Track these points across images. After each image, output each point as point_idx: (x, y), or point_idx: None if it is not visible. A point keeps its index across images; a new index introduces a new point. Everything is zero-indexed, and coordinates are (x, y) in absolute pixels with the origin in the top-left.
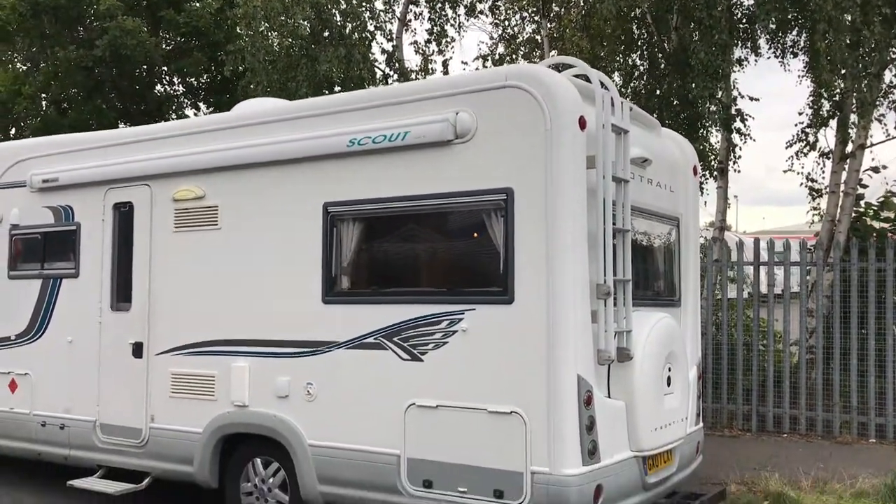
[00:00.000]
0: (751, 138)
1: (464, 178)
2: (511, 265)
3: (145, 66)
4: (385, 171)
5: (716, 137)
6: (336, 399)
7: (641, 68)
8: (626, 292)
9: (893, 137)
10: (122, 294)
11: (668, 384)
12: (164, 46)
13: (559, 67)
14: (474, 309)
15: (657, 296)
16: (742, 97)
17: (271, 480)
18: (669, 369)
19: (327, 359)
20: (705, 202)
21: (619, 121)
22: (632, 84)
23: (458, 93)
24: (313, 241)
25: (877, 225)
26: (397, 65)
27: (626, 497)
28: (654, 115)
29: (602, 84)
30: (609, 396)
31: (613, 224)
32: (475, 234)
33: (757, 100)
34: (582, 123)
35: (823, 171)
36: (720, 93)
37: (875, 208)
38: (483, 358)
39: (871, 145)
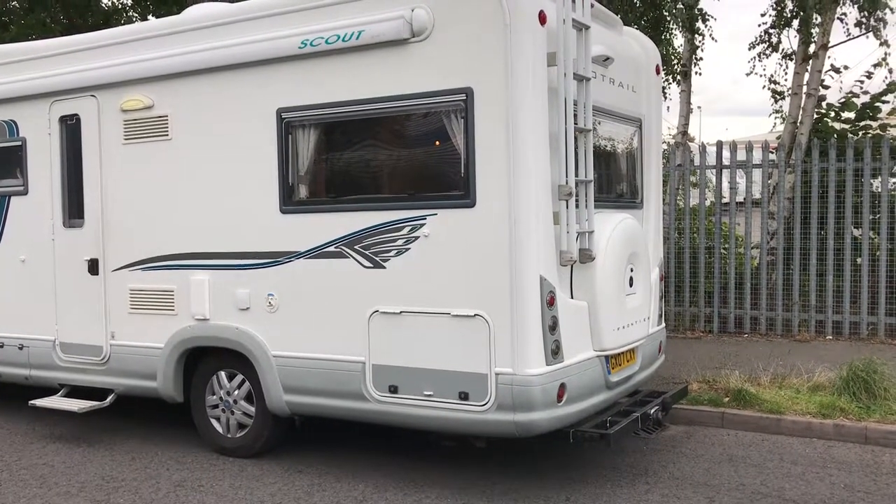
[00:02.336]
0: (712, 38)
1: (421, 79)
2: (472, 168)
3: None
4: (339, 73)
5: (679, 41)
6: (298, 309)
7: None
8: (587, 193)
9: (855, 37)
10: (73, 210)
11: (631, 285)
12: None
13: None
14: (436, 214)
15: (619, 198)
16: None
17: (237, 392)
18: (631, 270)
19: (288, 269)
20: (668, 107)
21: (579, 16)
22: None
23: None
24: (268, 149)
25: (837, 126)
26: None
27: (589, 396)
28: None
29: None
30: (572, 297)
31: (575, 124)
32: (435, 137)
33: None
34: (542, 18)
35: (786, 73)
36: None
37: (836, 109)
38: (446, 262)
39: (833, 45)
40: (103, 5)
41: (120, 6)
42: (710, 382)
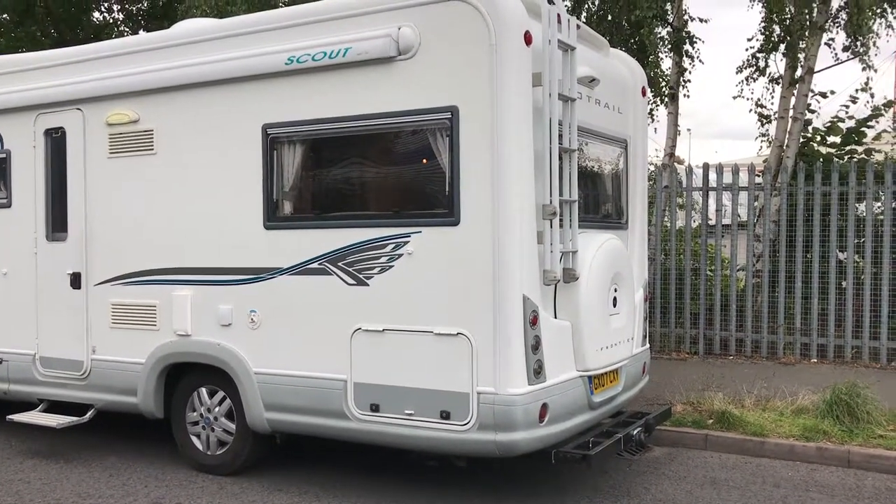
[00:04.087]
0: (699, 61)
1: (407, 97)
2: (456, 186)
3: None
4: (326, 90)
5: (667, 64)
6: (280, 326)
7: None
8: (572, 213)
9: (842, 62)
10: (57, 224)
11: (614, 305)
12: None
13: None
14: (420, 231)
15: (604, 218)
16: (693, 20)
17: (217, 409)
18: (615, 290)
19: (271, 285)
20: (655, 129)
21: (565, 37)
22: (583, 8)
23: (401, 7)
24: (253, 164)
25: (823, 150)
26: None
27: (572, 416)
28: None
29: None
30: (555, 317)
31: (560, 143)
32: (420, 155)
33: (706, 21)
34: (527, 38)
35: (773, 97)
36: (671, 16)
37: (822, 133)
38: (429, 280)
39: (819, 70)
40: (94, 20)
41: (111, 21)
42: (695, 404)
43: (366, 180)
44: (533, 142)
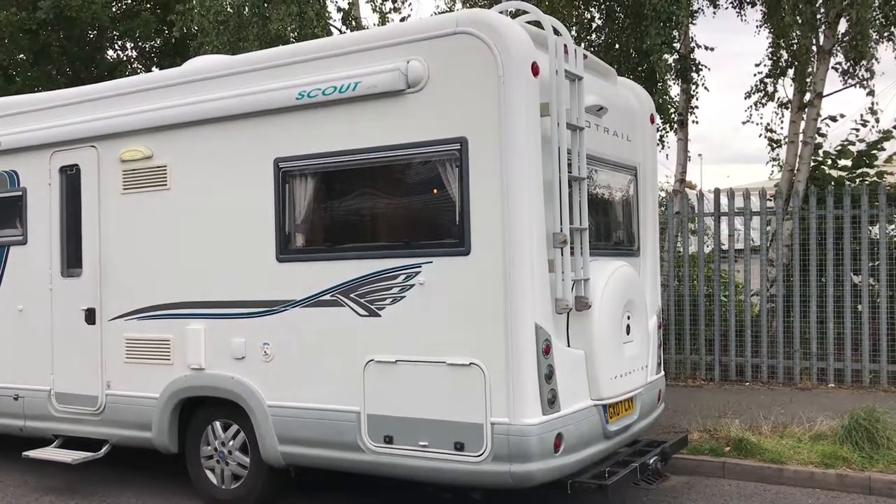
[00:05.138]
0: (705, 88)
1: (417, 129)
2: (467, 216)
3: (94, 30)
4: (336, 123)
5: (675, 90)
6: (294, 358)
7: (599, 21)
8: (583, 241)
9: (850, 86)
10: (72, 259)
11: (628, 332)
12: (111, 8)
13: (512, 14)
14: (431, 262)
15: (616, 245)
16: (699, 47)
17: (231, 443)
18: (628, 317)
19: (283, 318)
20: (667, 155)
21: (572, 67)
22: (590, 37)
23: (409, 41)
24: (265, 198)
25: (834, 174)
26: (354, 23)
27: (587, 446)
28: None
29: (555, 30)
30: (568, 345)
31: (569, 172)
32: (430, 186)
33: (712, 49)
34: (535, 70)
35: (782, 122)
36: (678, 44)
37: (833, 157)
38: (441, 310)
39: (829, 94)
40: (108, 58)
41: (124, 59)
42: (711, 431)
43: (376, 212)
44: (542, 171)
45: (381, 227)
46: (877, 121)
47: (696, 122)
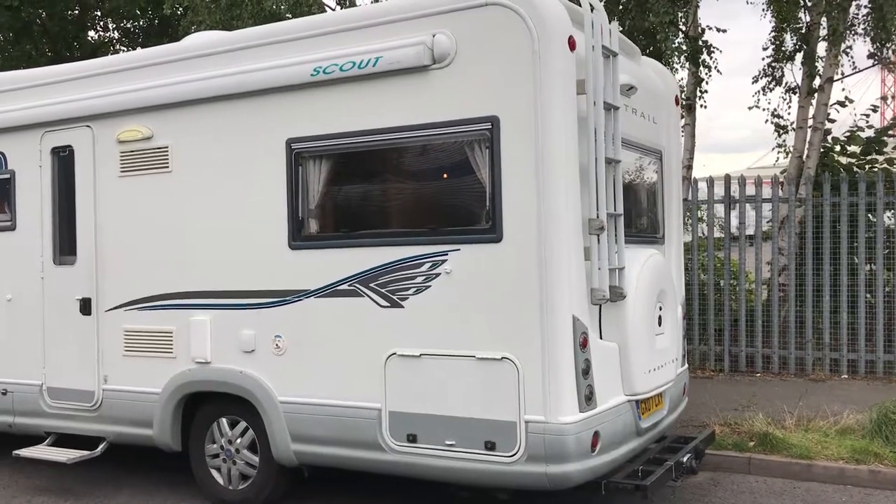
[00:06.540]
0: (717, 71)
1: (443, 107)
2: (498, 200)
3: (77, 9)
4: (355, 101)
5: (680, 74)
6: (308, 352)
7: (601, 3)
8: (618, 227)
9: (860, 70)
10: (65, 246)
11: (660, 324)
12: None
13: None
14: (459, 249)
15: (643, 232)
16: (710, 29)
17: (239, 441)
18: (661, 308)
19: (297, 309)
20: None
21: (608, 42)
22: None
23: (435, 13)
24: (276, 181)
25: (843, 160)
26: (347, 2)
27: (621, 444)
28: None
29: (590, 5)
30: (601, 338)
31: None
32: (457, 168)
33: (724, 31)
34: (572, 44)
35: (789, 107)
36: (684, 25)
37: (842, 143)
38: (470, 301)
39: (840, 78)
40: (90, 39)
41: (106, 40)
42: (732, 425)
43: (398, 196)
44: (578, 152)
45: (404, 212)
46: (886, 104)
47: (705, 107)
